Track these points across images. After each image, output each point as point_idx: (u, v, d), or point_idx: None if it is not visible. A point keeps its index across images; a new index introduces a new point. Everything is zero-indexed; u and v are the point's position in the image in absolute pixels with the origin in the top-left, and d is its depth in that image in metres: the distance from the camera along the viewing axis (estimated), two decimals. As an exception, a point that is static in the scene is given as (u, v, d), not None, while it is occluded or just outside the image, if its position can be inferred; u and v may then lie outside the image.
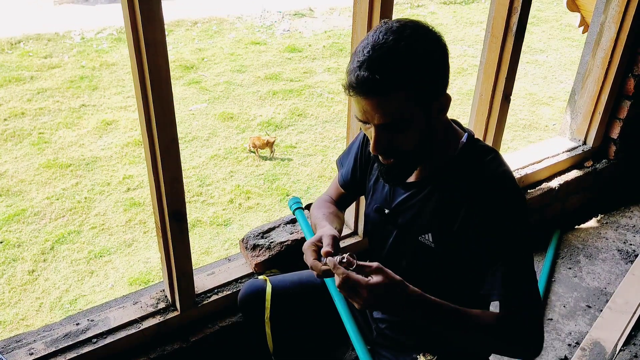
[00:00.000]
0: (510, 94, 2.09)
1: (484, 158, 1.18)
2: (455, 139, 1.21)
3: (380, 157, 1.16)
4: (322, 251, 1.13)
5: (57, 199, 5.49)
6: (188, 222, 1.58)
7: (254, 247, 1.90)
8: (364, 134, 1.41)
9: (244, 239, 1.97)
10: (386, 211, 1.30)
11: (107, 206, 5.45)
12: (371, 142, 1.10)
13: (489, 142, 2.17)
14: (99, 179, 5.85)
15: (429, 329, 1.21)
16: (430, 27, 1.07)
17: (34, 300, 4.35)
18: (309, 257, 1.16)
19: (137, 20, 1.23)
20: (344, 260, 1.05)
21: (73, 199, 5.50)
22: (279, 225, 2.01)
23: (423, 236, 1.22)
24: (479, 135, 2.17)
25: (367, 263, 1.05)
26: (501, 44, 1.96)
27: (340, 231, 1.36)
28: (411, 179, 1.25)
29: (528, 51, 9.33)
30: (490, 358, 1.41)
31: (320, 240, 1.17)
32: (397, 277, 1.06)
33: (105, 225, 5.20)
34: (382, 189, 1.33)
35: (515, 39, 1.93)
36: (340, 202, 1.54)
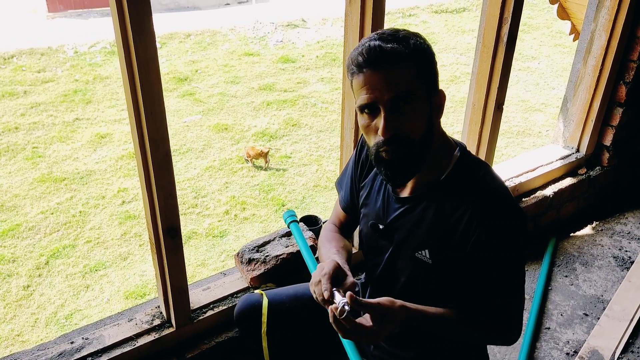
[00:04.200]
0: (503, 103, 2.10)
1: (477, 173, 1.19)
2: (449, 151, 1.21)
3: (384, 153, 1.13)
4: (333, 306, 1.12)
5: (52, 213, 5.46)
6: (184, 234, 1.57)
7: (250, 261, 1.89)
8: (355, 154, 1.40)
9: (239, 253, 1.95)
10: (381, 227, 1.29)
11: (102, 220, 5.42)
12: (380, 127, 1.09)
13: (483, 150, 2.18)
14: (94, 192, 5.83)
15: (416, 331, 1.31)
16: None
17: (29, 315, 4.31)
18: (325, 285, 1.16)
19: (129, 36, 1.23)
20: (347, 307, 1.08)
21: (68, 213, 5.47)
22: (274, 238, 2.00)
23: (420, 252, 1.22)
24: (472, 144, 2.18)
25: (367, 301, 1.09)
26: (492, 54, 1.97)
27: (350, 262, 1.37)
28: (405, 193, 1.24)
29: (520, 58, 9.39)
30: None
31: (335, 272, 1.19)
32: (396, 306, 1.11)
33: (101, 239, 5.17)
34: (374, 203, 1.32)
35: (507, 48, 1.95)
36: (344, 229, 1.52)
